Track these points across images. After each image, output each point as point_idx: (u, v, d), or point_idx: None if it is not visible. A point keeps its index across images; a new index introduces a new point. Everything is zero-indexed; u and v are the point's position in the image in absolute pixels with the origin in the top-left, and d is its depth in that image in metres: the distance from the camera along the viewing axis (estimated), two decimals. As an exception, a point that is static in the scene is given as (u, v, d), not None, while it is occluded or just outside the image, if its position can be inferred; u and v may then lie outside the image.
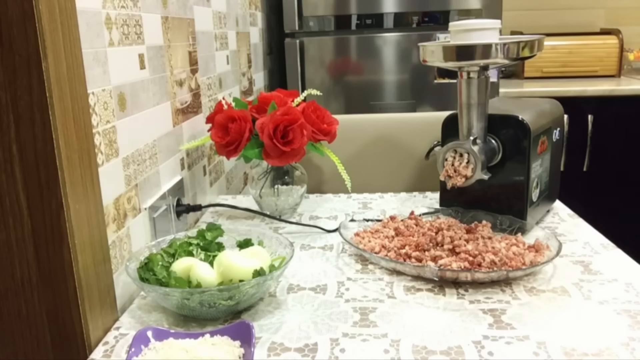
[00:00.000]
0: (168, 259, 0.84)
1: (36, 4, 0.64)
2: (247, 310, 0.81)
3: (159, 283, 0.78)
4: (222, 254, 0.82)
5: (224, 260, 0.80)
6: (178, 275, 0.79)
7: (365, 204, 1.29)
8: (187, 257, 0.83)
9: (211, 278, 0.78)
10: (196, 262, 0.81)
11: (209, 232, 0.90)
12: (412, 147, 1.49)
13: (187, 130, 1.18)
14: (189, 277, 0.78)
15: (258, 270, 0.78)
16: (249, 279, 0.78)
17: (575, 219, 1.14)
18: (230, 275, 0.78)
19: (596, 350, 0.69)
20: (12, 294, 0.73)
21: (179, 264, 0.81)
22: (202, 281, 0.77)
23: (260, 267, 0.79)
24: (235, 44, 1.67)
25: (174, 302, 0.77)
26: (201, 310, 0.77)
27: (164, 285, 0.78)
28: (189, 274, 0.79)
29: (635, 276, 0.88)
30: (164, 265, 0.82)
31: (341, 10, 2.13)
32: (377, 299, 0.83)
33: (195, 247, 0.88)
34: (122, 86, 0.87)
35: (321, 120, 1.15)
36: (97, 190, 0.78)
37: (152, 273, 0.80)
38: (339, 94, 2.19)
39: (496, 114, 1.04)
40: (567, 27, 2.76)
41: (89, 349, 0.74)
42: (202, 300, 0.75)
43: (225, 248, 0.89)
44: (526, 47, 0.96)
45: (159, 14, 1.04)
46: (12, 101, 0.67)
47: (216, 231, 0.90)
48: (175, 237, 0.91)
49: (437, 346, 0.71)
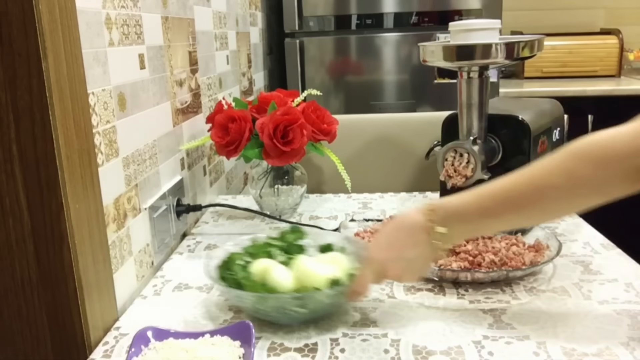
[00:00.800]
0: (248, 259, 0.82)
1: (36, 4, 0.64)
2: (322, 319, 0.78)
3: (236, 283, 0.76)
4: (299, 258, 0.79)
5: (300, 266, 0.77)
6: (254, 278, 0.76)
7: (365, 204, 1.29)
8: (266, 259, 0.81)
9: (287, 283, 0.75)
10: (273, 265, 0.78)
11: (291, 234, 0.88)
12: (412, 147, 1.49)
13: (187, 130, 1.18)
14: (265, 280, 0.76)
15: (335, 280, 0.75)
16: (325, 287, 0.74)
17: (575, 219, 1.14)
18: (305, 281, 0.75)
19: (596, 350, 0.69)
20: (12, 294, 0.73)
21: (257, 265, 0.79)
22: (277, 286, 0.74)
23: (337, 276, 0.76)
24: (235, 44, 1.67)
25: (248, 305, 0.75)
26: (276, 316, 0.75)
27: (241, 286, 0.75)
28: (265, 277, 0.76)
29: (635, 276, 0.88)
30: (243, 265, 0.80)
31: (341, 10, 2.13)
32: (377, 299, 0.83)
33: (276, 249, 0.85)
34: (122, 86, 0.87)
35: (321, 120, 1.15)
36: (97, 190, 0.78)
37: (230, 272, 0.78)
38: (339, 94, 2.19)
39: (496, 114, 1.04)
40: (567, 27, 2.75)
41: (89, 349, 0.74)
42: (275, 305, 0.73)
43: (306, 251, 0.86)
44: (526, 47, 0.96)
45: (159, 14, 1.04)
46: (12, 101, 0.67)
47: (298, 233, 0.88)
48: (257, 236, 0.89)
49: (437, 346, 0.71)
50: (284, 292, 0.74)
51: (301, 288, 0.75)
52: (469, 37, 0.96)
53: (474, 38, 0.95)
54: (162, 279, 0.93)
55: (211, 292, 0.87)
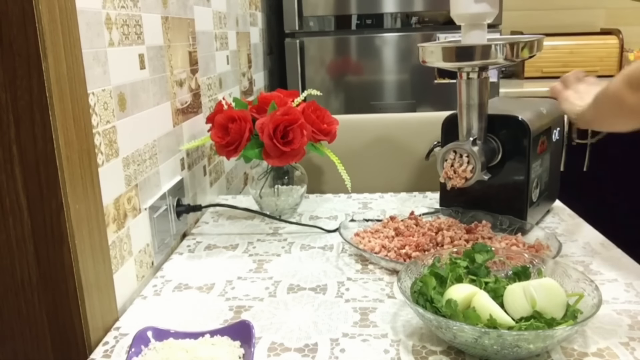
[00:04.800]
0: (439, 283, 0.74)
1: (36, 4, 0.64)
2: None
3: (434, 310, 0.70)
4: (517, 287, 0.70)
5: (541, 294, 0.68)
6: (460, 307, 0.69)
7: (365, 204, 1.29)
8: (465, 285, 0.73)
9: (505, 315, 0.68)
10: (480, 294, 0.70)
11: (479, 254, 0.80)
12: (412, 147, 1.49)
13: (187, 130, 1.18)
14: (472, 309, 0.68)
15: (573, 311, 0.68)
16: (557, 321, 0.67)
17: (575, 219, 1.14)
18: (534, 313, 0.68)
19: (596, 350, 0.69)
20: (12, 294, 0.73)
21: (456, 292, 0.71)
22: (497, 317, 0.67)
23: (572, 306, 0.69)
24: (235, 44, 1.67)
25: (460, 339, 0.66)
26: (491, 350, 0.66)
27: (441, 314, 0.69)
28: (468, 305, 0.70)
29: (635, 276, 0.88)
30: (438, 290, 0.73)
31: (341, 10, 2.13)
32: (377, 299, 0.83)
33: (463, 270, 0.78)
34: (122, 86, 0.87)
35: (321, 120, 1.15)
36: (97, 190, 0.78)
37: (426, 298, 0.71)
38: (339, 94, 2.19)
39: (496, 114, 1.04)
40: (567, 27, 2.75)
41: (89, 349, 0.74)
42: (498, 341, 0.65)
43: (490, 273, 0.78)
44: (526, 47, 0.95)
45: (159, 14, 1.04)
46: (12, 101, 0.67)
47: (487, 254, 0.81)
48: (438, 252, 0.83)
49: (437, 346, 0.71)
50: (509, 326, 0.66)
51: (535, 324, 0.66)
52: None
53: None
54: (162, 279, 0.93)
55: (211, 292, 0.88)
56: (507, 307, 0.70)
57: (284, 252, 1.02)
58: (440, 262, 0.80)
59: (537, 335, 0.64)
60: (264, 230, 1.14)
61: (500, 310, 0.68)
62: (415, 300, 0.72)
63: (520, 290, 0.70)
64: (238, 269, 0.96)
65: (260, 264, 0.97)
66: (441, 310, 0.69)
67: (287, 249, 1.03)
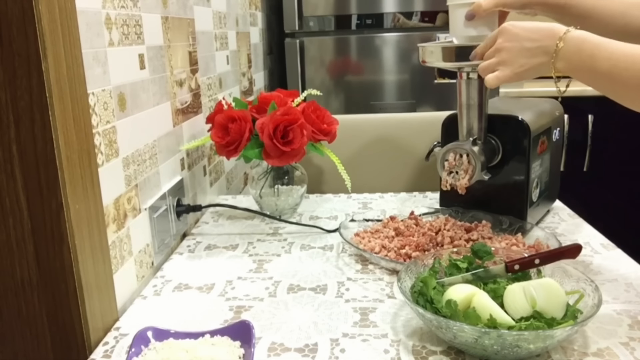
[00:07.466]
0: (439, 283, 0.75)
1: (36, 4, 0.64)
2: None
3: (434, 310, 0.70)
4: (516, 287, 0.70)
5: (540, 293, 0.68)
6: (460, 307, 0.69)
7: (365, 204, 1.29)
8: (465, 285, 0.74)
9: (505, 315, 0.68)
10: (480, 294, 0.70)
11: (482, 254, 0.81)
12: (412, 147, 1.49)
13: (187, 130, 1.18)
14: (472, 309, 0.68)
15: (573, 311, 0.68)
16: (557, 320, 0.67)
17: (575, 219, 1.14)
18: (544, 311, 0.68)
19: (596, 350, 0.69)
20: (12, 294, 0.73)
21: (456, 292, 0.71)
22: (497, 317, 0.67)
23: (573, 307, 0.69)
24: (235, 44, 1.67)
25: (460, 339, 0.66)
26: (491, 350, 0.66)
27: (441, 314, 0.69)
28: (468, 305, 0.70)
29: (635, 276, 0.88)
30: (438, 290, 0.73)
31: (341, 10, 2.13)
32: (377, 299, 0.83)
33: (464, 271, 0.79)
34: (122, 86, 0.87)
35: (321, 120, 1.15)
36: (97, 190, 0.78)
37: (426, 298, 0.71)
38: (339, 94, 2.19)
39: (496, 114, 1.04)
40: (567, 27, 2.75)
41: (89, 349, 0.74)
42: (498, 341, 0.64)
43: (495, 274, 0.77)
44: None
45: (159, 14, 1.04)
46: (12, 101, 0.67)
47: (487, 256, 0.81)
48: (438, 252, 0.83)
49: (437, 346, 0.71)
50: (504, 324, 0.66)
51: (535, 324, 0.66)
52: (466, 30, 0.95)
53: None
54: (162, 279, 0.93)
55: (211, 292, 0.88)
56: (507, 307, 0.70)
57: (284, 252, 1.02)
58: (440, 265, 0.80)
59: (537, 335, 0.64)
60: (264, 231, 1.14)
61: (500, 310, 0.68)
62: (415, 300, 0.72)
63: (520, 290, 0.70)
64: (238, 269, 0.96)
65: (260, 264, 0.97)
66: (441, 311, 0.69)
67: (287, 249, 1.03)
